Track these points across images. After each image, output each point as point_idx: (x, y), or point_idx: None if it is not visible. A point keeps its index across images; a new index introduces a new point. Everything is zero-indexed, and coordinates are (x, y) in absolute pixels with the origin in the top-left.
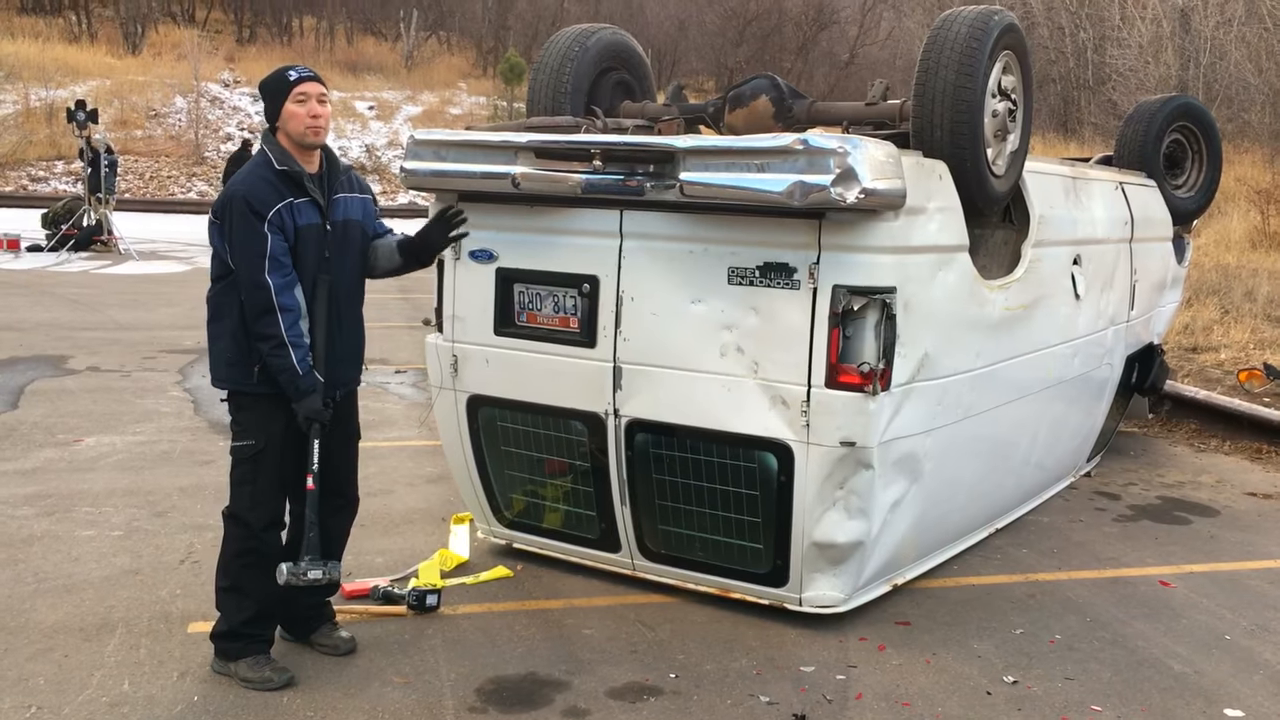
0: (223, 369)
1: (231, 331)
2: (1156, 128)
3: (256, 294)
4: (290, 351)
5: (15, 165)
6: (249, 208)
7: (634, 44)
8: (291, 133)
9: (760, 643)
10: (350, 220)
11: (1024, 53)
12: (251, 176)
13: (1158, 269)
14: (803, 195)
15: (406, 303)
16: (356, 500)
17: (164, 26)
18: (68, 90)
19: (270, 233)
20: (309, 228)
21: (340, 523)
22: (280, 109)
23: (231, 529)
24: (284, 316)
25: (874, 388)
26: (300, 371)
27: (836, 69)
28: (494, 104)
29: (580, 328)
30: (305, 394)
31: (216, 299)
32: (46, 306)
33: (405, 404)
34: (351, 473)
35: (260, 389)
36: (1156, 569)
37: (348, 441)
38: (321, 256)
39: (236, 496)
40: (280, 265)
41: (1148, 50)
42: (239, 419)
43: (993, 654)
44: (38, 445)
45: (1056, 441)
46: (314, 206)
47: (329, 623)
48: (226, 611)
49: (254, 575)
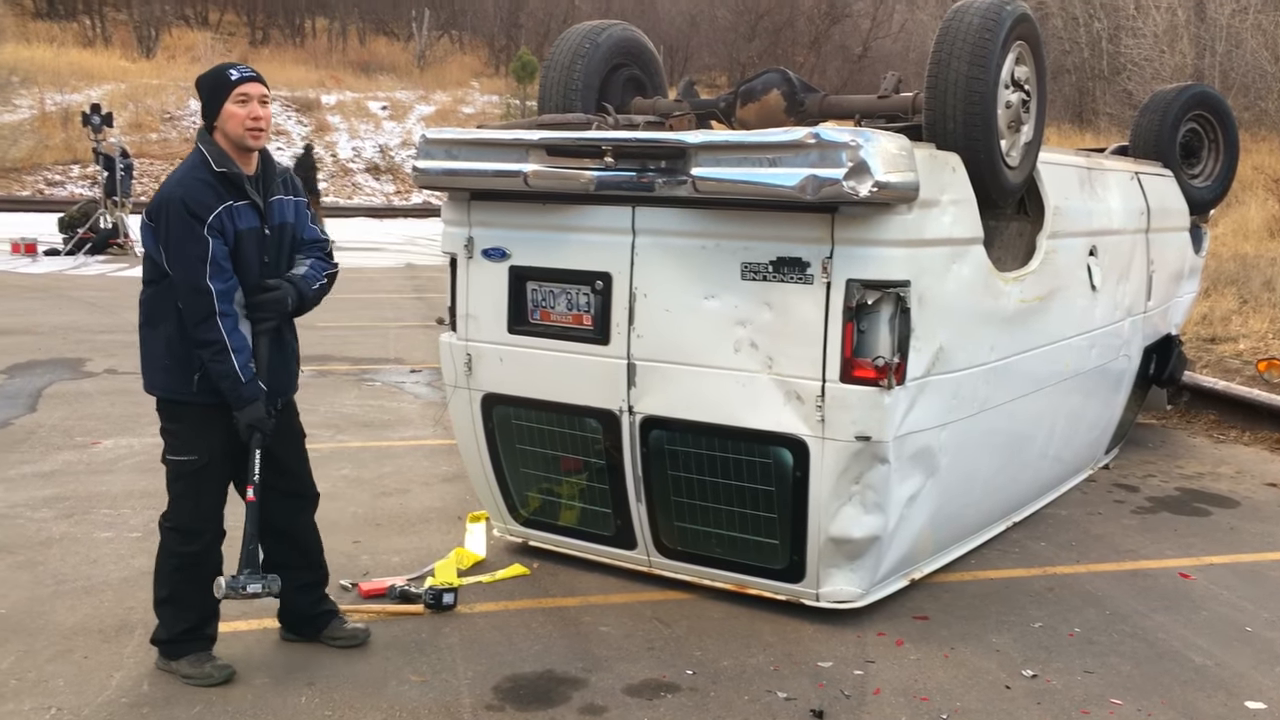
0: (158, 376)
1: (167, 337)
2: (1172, 117)
3: (197, 299)
4: (233, 356)
5: (31, 169)
6: (187, 210)
7: (645, 40)
8: (230, 134)
9: (777, 639)
10: (286, 224)
11: (1037, 43)
12: (188, 178)
13: (1175, 259)
14: (815, 189)
15: (421, 302)
16: (317, 495)
17: (177, 30)
18: (82, 94)
19: (210, 236)
20: (249, 232)
21: (307, 521)
22: (220, 108)
23: (172, 541)
24: (224, 321)
25: (889, 382)
26: (243, 378)
27: (849, 62)
28: (507, 102)
29: (594, 325)
30: (248, 402)
31: (150, 303)
32: (64, 310)
33: (420, 403)
34: (307, 471)
35: (200, 398)
36: (1176, 561)
37: (296, 441)
38: (261, 261)
39: (177, 510)
40: (221, 270)
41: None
42: (175, 430)
43: (1011, 648)
44: (56, 448)
45: (1074, 434)
46: (253, 210)
47: (337, 617)
48: (165, 621)
49: (193, 588)
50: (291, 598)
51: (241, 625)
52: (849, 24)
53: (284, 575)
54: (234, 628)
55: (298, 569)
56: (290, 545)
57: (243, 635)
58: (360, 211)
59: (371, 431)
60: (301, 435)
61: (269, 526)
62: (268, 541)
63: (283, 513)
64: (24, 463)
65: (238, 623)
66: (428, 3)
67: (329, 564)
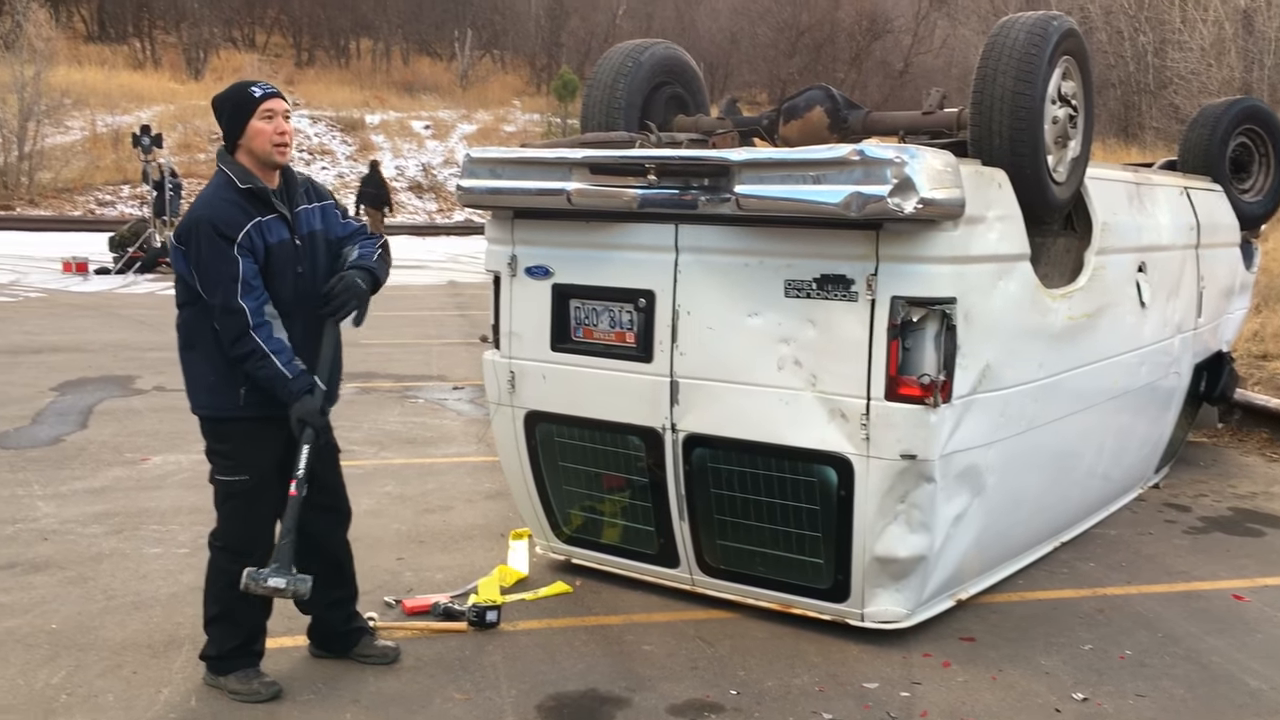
0: (203, 395)
1: (209, 357)
2: (1221, 131)
3: (231, 319)
4: (274, 359)
5: (83, 190)
6: (216, 231)
7: (687, 58)
8: (257, 150)
9: (822, 659)
10: (314, 232)
11: (1084, 58)
12: (215, 199)
13: (1225, 275)
14: (860, 206)
15: (464, 319)
16: (350, 511)
17: (225, 52)
18: (133, 116)
19: (240, 256)
20: (280, 245)
21: (340, 537)
22: (244, 125)
23: (222, 560)
24: (258, 332)
25: (935, 400)
26: (289, 374)
27: (890, 78)
28: (548, 120)
29: (637, 342)
30: (299, 395)
31: (187, 326)
32: (114, 328)
33: (463, 420)
34: (342, 486)
35: (248, 412)
36: (1229, 582)
37: (331, 456)
38: (295, 272)
39: (227, 530)
40: (252, 288)
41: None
42: (223, 451)
43: (1061, 670)
44: (106, 464)
45: (1123, 452)
46: (282, 222)
47: (368, 634)
48: (215, 638)
49: (243, 605)
50: (322, 613)
51: (287, 641)
52: (890, 39)
53: (319, 593)
54: (280, 644)
55: (330, 585)
56: (323, 560)
57: (289, 652)
58: (403, 229)
59: (415, 448)
60: (336, 450)
61: (304, 543)
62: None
63: (317, 527)
64: (75, 479)
65: (284, 639)
66: (470, 23)
67: (373, 580)
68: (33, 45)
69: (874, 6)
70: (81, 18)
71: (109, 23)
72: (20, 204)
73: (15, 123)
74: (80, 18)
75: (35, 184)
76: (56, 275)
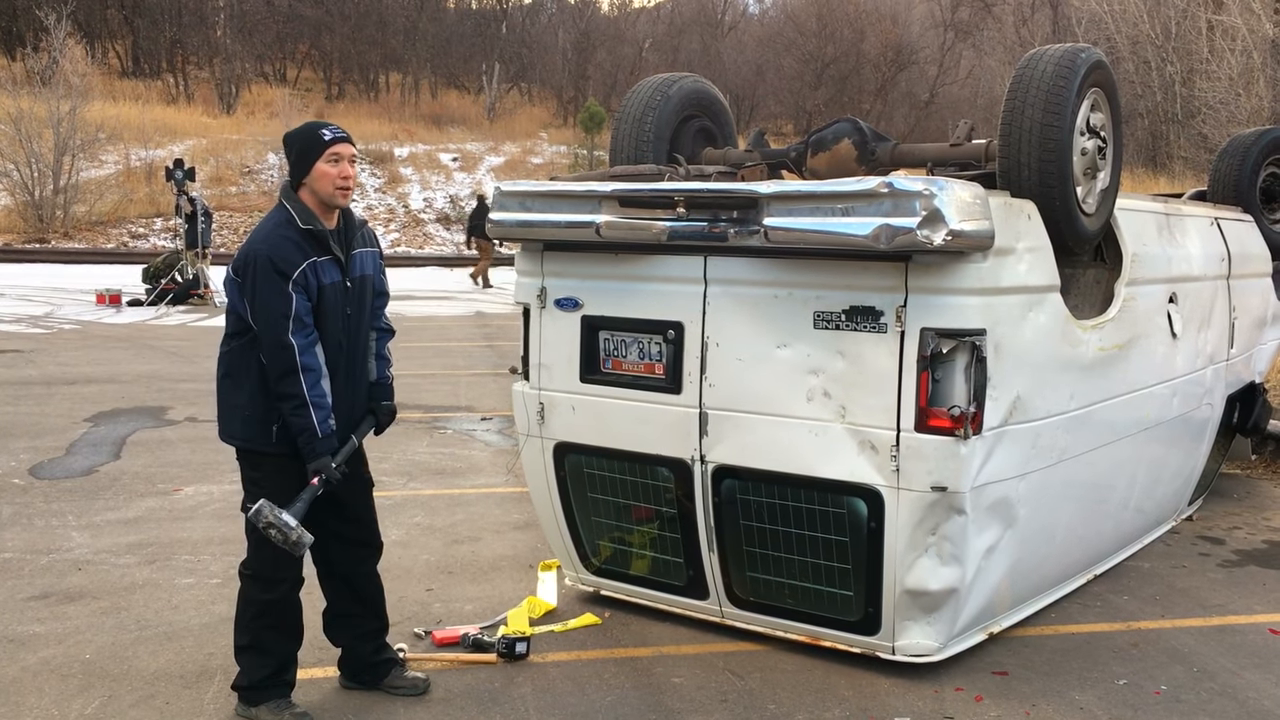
0: (237, 426)
1: (250, 390)
2: (1252, 161)
3: (280, 354)
4: (312, 412)
5: (116, 223)
6: (273, 267)
7: (715, 91)
8: (320, 192)
9: (853, 692)
10: (366, 275)
11: (1113, 89)
12: (275, 235)
13: (1258, 305)
14: (889, 238)
15: (491, 350)
16: (381, 545)
17: (257, 86)
18: (166, 150)
19: (295, 293)
20: (333, 286)
21: (370, 571)
22: (310, 166)
23: (252, 590)
24: (306, 376)
25: (965, 431)
26: (320, 434)
27: (916, 109)
28: (575, 152)
29: (666, 374)
30: (319, 456)
31: (232, 356)
32: (147, 359)
33: (492, 451)
34: (374, 520)
35: (280, 449)
36: (1266, 616)
37: (365, 489)
38: (344, 313)
39: (258, 559)
40: (303, 325)
41: (1238, 82)
42: (257, 479)
43: (1095, 705)
44: (139, 495)
45: (1156, 484)
46: (336, 264)
47: (398, 665)
48: (247, 668)
49: (274, 635)
50: (352, 644)
51: (318, 672)
52: (915, 70)
53: (347, 623)
54: (310, 675)
55: (360, 616)
56: (354, 593)
57: (320, 683)
58: (431, 261)
59: (443, 479)
60: (370, 484)
61: (334, 572)
62: (331, 587)
63: (348, 560)
64: (109, 509)
65: (314, 670)
66: (498, 56)
67: (402, 612)
68: (68, 81)
69: (899, 38)
70: (116, 54)
71: (143, 58)
72: (55, 237)
73: (51, 157)
74: (115, 54)
75: (70, 217)
76: (90, 307)
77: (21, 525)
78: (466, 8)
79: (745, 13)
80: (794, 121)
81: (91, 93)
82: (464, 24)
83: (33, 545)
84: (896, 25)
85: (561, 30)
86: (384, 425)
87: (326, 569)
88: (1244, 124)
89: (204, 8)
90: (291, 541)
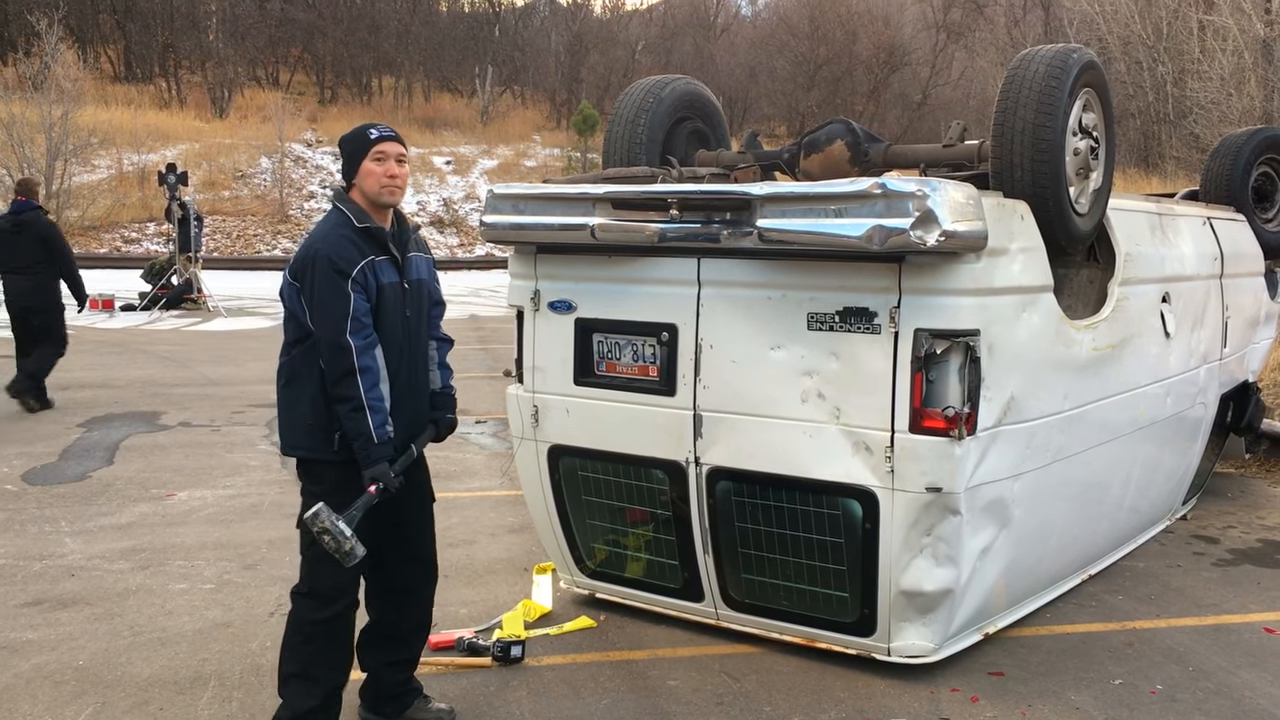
0: (301, 436)
1: (311, 398)
2: (1244, 161)
3: (338, 355)
4: (369, 416)
5: (109, 228)
6: (332, 266)
7: (707, 93)
8: (367, 190)
9: (849, 694)
10: (422, 279)
11: (1104, 90)
12: (332, 234)
13: (1250, 304)
14: (883, 239)
15: (485, 353)
16: (437, 567)
17: (249, 90)
18: (158, 154)
19: (354, 291)
20: (390, 286)
21: (427, 595)
22: (358, 166)
23: (305, 610)
24: (363, 378)
25: (959, 432)
26: (376, 440)
27: (909, 110)
28: (568, 155)
29: (660, 376)
30: (375, 463)
31: (293, 364)
32: (139, 364)
33: (486, 454)
34: (432, 538)
35: (342, 456)
36: (1261, 615)
37: (426, 504)
38: (404, 315)
39: (316, 574)
40: (362, 326)
41: (1230, 82)
42: (318, 493)
43: (1091, 705)
44: (132, 500)
45: (1150, 484)
46: (393, 265)
47: (421, 696)
48: (291, 699)
49: (323, 660)
50: (381, 671)
51: None
52: (908, 72)
53: (384, 647)
54: None
55: (401, 641)
56: (402, 614)
57: None
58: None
59: (438, 482)
60: (431, 499)
61: (389, 588)
62: (380, 605)
63: (403, 577)
64: (102, 515)
65: None
66: (491, 59)
67: None
68: (60, 86)
69: (891, 39)
70: (108, 58)
71: (135, 63)
72: None
73: (43, 162)
74: (107, 58)
75: (62, 222)
76: (83, 312)
77: (14, 531)
78: (459, 11)
79: (738, 15)
80: (787, 123)
81: (84, 97)
82: (456, 27)
83: (25, 551)
84: (889, 27)
85: (554, 33)
86: (444, 436)
87: (381, 584)
88: (1236, 124)
89: (196, 12)
90: (345, 551)
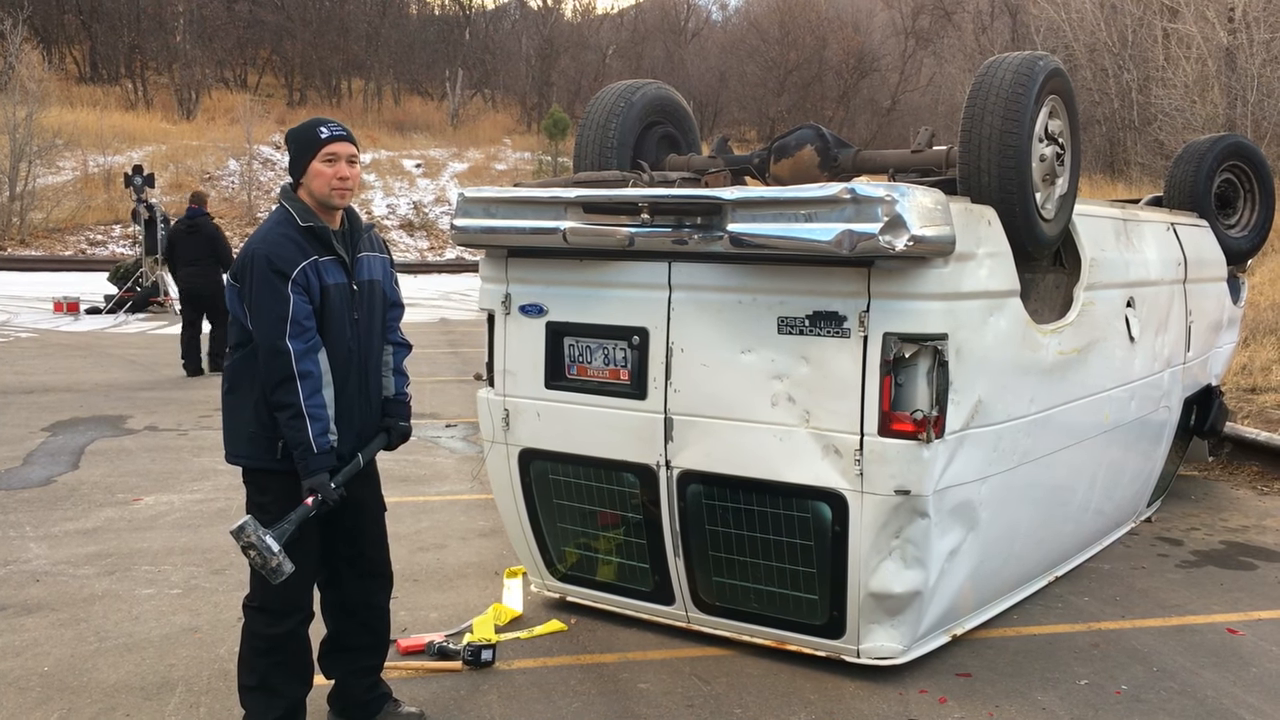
0: (243, 444)
1: (254, 404)
2: (1207, 167)
3: (275, 359)
4: (308, 424)
5: (74, 230)
6: (270, 266)
7: (678, 98)
8: (315, 191)
9: (819, 695)
10: (374, 280)
11: (1070, 97)
12: (273, 234)
13: (1213, 309)
14: (852, 244)
15: (456, 357)
16: (392, 575)
17: (217, 92)
18: (124, 156)
19: (293, 293)
20: (336, 288)
21: (381, 602)
22: (307, 165)
23: (258, 624)
24: (303, 384)
25: (928, 435)
26: (315, 449)
27: (878, 116)
28: (538, 159)
29: (631, 380)
30: (314, 473)
31: (235, 368)
32: (105, 367)
33: (456, 458)
34: (386, 549)
35: (285, 465)
36: (1223, 616)
37: (377, 516)
38: (351, 318)
39: (264, 589)
40: (303, 329)
41: (1194, 89)
42: (264, 504)
43: (1057, 706)
44: (98, 505)
45: (1115, 487)
46: (339, 265)
47: (390, 700)
48: (253, 711)
49: (283, 672)
50: (346, 680)
51: None
52: (877, 78)
53: (346, 657)
54: None
55: (362, 651)
56: (361, 626)
57: None
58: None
59: (408, 486)
60: (382, 509)
61: (343, 602)
62: (337, 618)
63: (359, 592)
64: (67, 520)
65: None
66: (461, 62)
67: None
68: (25, 86)
69: (861, 45)
70: (74, 59)
71: (101, 64)
72: (11, 244)
73: (7, 163)
74: (72, 59)
75: (27, 224)
76: (48, 315)
77: None
78: (429, 14)
79: (708, 20)
80: (757, 128)
81: (48, 98)
82: (427, 30)
83: None
84: (858, 33)
85: (525, 37)
86: (396, 445)
87: (335, 597)
88: (1199, 130)
89: (163, 13)
90: (270, 568)
